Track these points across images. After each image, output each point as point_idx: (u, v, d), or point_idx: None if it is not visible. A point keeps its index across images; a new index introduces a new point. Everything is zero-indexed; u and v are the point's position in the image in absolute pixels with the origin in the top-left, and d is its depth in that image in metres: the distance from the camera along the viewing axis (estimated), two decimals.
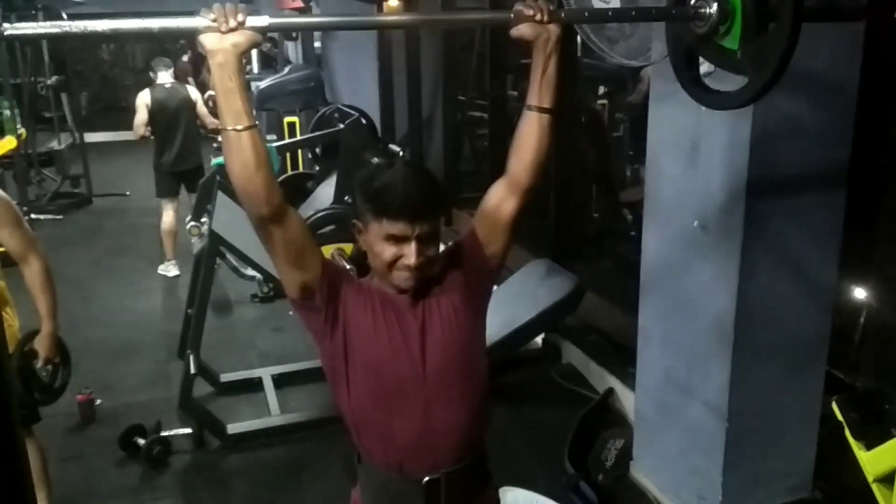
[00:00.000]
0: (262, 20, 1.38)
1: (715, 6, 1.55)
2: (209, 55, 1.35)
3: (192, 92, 6.04)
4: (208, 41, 1.34)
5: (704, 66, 1.82)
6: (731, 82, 1.64)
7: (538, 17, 1.47)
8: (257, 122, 1.43)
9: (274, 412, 3.79)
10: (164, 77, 5.94)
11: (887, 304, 3.24)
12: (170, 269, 6.05)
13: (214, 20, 1.32)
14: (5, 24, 1.26)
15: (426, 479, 1.57)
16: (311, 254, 1.53)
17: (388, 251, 1.50)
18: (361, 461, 1.65)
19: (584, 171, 5.73)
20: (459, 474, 1.60)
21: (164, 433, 3.50)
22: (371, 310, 1.56)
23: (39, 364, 2.61)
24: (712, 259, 2.61)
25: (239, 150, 1.39)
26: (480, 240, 1.62)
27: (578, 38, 4.07)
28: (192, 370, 3.53)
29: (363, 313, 1.55)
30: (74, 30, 1.32)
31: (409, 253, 1.49)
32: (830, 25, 2.36)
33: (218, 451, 3.53)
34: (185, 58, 12.26)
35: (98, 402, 3.85)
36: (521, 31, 1.49)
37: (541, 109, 1.55)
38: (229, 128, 1.39)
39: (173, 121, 5.85)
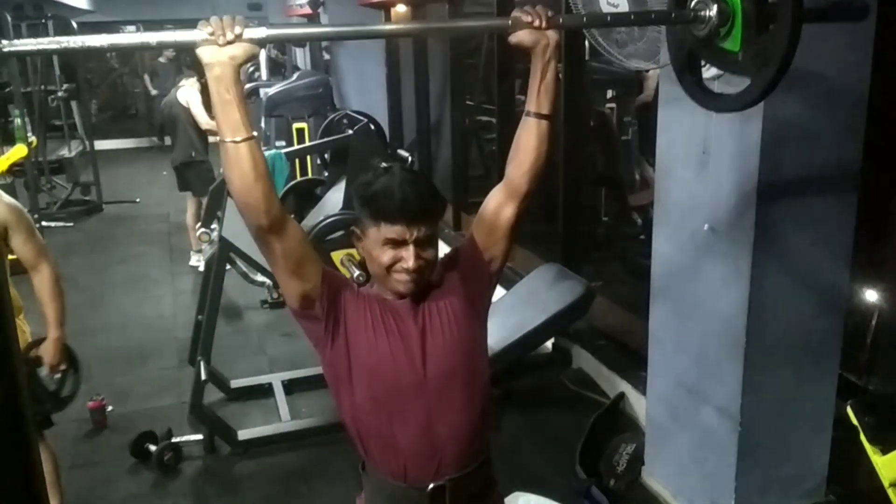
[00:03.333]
0: (260, 31, 1.37)
1: (714, 8, 1.54)
2: (206, 68, 1.35)
3: (182, 96, 6.24)
4: (205, 54, 1.34)
5: (712, 70, 1.80)
6: (738, 85, 1.63)
7: (536, 23, 1.46)
8: (255, 134, 1.43)
9: (284, 418, 3.80)
10: (182, 84, 6.35)
11: None
12: (193, 259, 6.34)
13: (212, 33, 1.32)
14: (4, 42, 1.26)
15: (431, 486, 1.57)
16: (311, 264, 1.53)
17: (387, 255, 1.51)
18: (366, 469, 1.65)
19: (593, 175, 5.72)
20: (464, 480, 1.60)
21: (175, 439, 3.51)
22: (370, 317, 1.56)
23: (45, 371, 2.61)
24: (723, 262, 2.60)
25: (237, 161, 1.39)
26: (479, 246, 1.62)
27: (587, 42, 4.07)
28: (203, 376, 3.54)
29: (362, 321, 1.56)
30: (73, 45, 1.31)
31: (408, 256, 1.50)
32: (838, 26, 2.34)
33: (229, 457, 3.53)
34: None
35: (109, 408, 3.87)
36: (520, 37, 1.48)
37: (539, 115, 1.54)
38: (227, 139, 1.38)
39: (172, 123, 6.37)
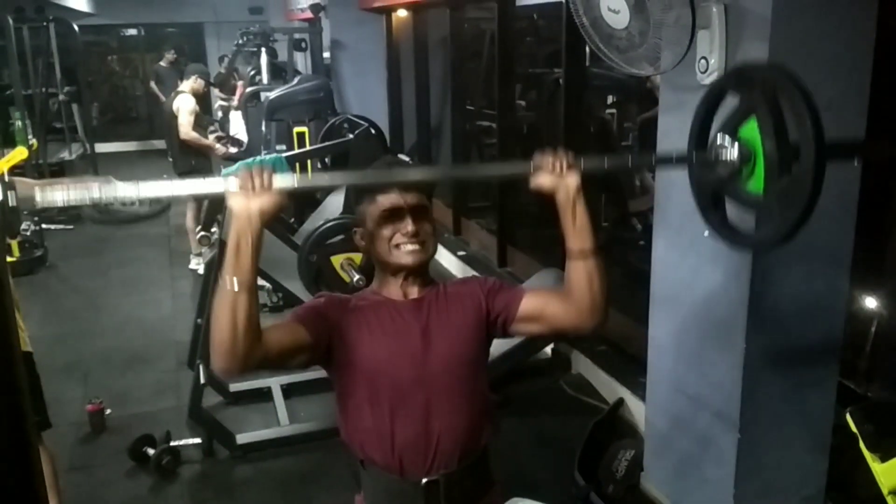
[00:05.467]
0: (288, 181, 1.41)
1: (735, 150, 1.53)
2: (234, 218, 1.37)
3: (175, 103, 6.19)
4: (235, 204, 1.37)
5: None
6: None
7: (556, 169, 1.50)
8: (258, 291, 1.41)
9: (283, 422, 3.79)
10: (179, 90, 6.28)
11: None
12: (193, 263, 6.30)
13: (242, 184, 1.36)
14: (38, 200, 1.31)
15: (425, 480, 1.58)
16: (296, 336, 1.52)
17: (387, 228, 1.58)
18: (364, 465, 1.66)
19: (592, 181, 5.73)
20: (459, 476, 1.61)
21: (173, 443, 3.50)
22: (366, 323, 1.58)
23: None
24: (723, 268, 2.60)
25: (232, 308, 1.37)
26: (519, 310, 1.63)
27: (587, 48, 4.08)
28: (202, 380, 3.53)
29: (357, 331, 1.58)
30: (100, 193, 1.35)
31: (406, 222, 1.57)
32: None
33: (227, 461, 3.53)
34: (222, 68, 10.72)
35: (108, 411, 3.86)
36: (541, 182, 1.52)
37: (583, 253, 1.54)
38: (228, 283, 1.38)
39: (167, 129, 6.35)
